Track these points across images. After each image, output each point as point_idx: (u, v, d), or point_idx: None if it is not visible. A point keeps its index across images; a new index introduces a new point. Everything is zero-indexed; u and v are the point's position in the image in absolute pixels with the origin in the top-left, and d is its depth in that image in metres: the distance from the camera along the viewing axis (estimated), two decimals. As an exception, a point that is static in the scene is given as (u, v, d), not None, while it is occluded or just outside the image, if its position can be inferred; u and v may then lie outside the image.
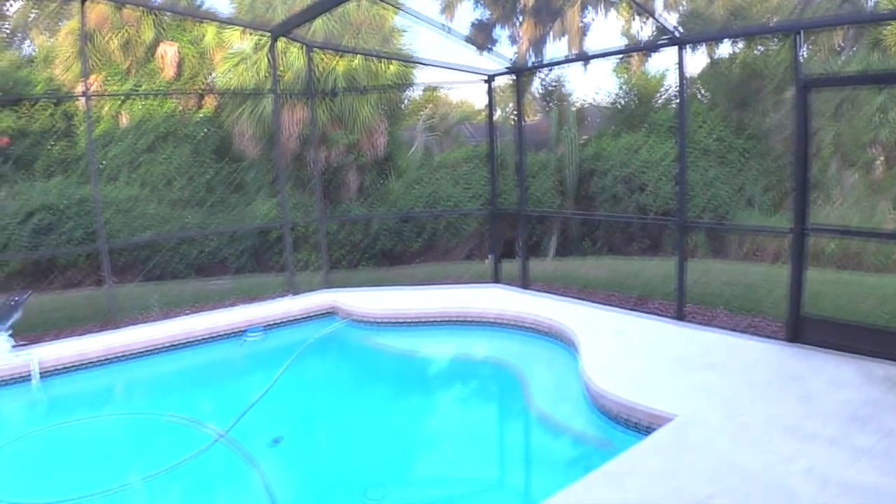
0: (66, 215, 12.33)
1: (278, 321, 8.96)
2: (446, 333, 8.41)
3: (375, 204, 14.08)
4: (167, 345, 8.29)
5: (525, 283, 9.31)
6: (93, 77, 14.02)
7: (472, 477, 5.41)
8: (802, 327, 6.31)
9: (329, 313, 9.29)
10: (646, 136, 15.10)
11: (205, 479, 5.72)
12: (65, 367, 7.87)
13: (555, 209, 14.65)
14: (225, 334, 8.59)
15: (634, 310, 7.97)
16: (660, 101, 16.57)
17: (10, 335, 8.00)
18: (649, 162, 14.37)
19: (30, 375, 7.69)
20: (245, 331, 8.63)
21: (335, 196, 13.88)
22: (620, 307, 8.09)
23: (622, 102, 16.79)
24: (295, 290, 9.88)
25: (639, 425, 5.15)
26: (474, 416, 6.84)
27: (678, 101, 7.64)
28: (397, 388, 7.61)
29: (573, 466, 5.33)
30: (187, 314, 9.22)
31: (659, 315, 7.63)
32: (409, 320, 8.58)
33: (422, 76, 20.85)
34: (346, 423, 6.61)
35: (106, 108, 14.61)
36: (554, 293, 8.91)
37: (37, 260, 12.21)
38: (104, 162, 14.16)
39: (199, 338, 8.47)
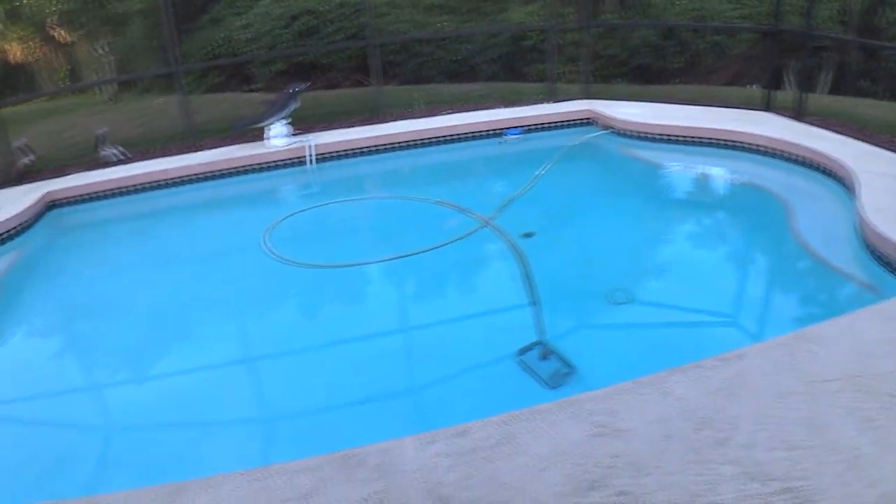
0: (328, 18, 12.90)
1: (536, 125, 9.12)
2: (710, 154, 8.10)
3: (635, 18, 13.37)
4: (431, 139, 8.79)
5: (799, 113, 8.53)
6: None
7: (724, 300, 5.33)
8: None
9: (586, 122, 9.26)
10: (957, -39, 12.81)
11: (470, 259, 6.25)
12: (337, 154, 8.64)
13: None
14: (485, 133, 8.94)
15: (924, 160, 7.15)
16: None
17: (289, 123, 8.81)
18: (958, -5, 12.32)
19: (307, 159, 8.52)
20: (504, 131, 8.88)
21: (591, 8, 13.31)
22: (907, 154, 7.29)
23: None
24: (553, 96, 9.88)
25: (917, 276, 4.81)
26: (731, 241, 6.68)
27: None
28: (653, 202, 7.53)
29: (835, 304, 5.13)
30: (448, 113, 9.61)
31: (953, 169, 6.81)
32: (672, 136, 8.33)
33: None
34: (596, 228, 6.74)
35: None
36: (829, 129, 8.16)
37: (300, 61, 13.02)
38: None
39: (460, 134, 8.89)
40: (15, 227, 7.54)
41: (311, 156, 8.52)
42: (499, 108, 9.70)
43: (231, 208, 8.33)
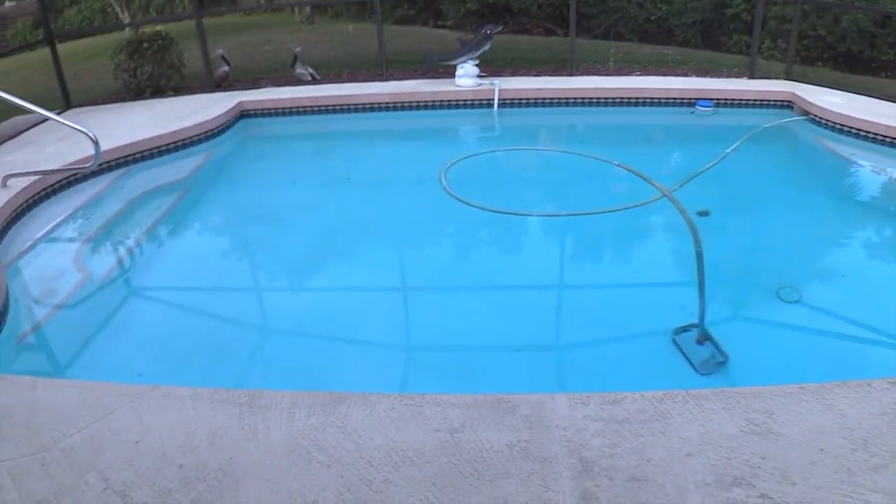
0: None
1: (730, 100, 8.70)
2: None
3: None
4: (619, 98, 8.62)
5: None
6: None
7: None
8: None
9: (785, 104, 8.69)
10: None
11: (641, 227, 6.21)
12: (522, 101, 8.66)
13: None
14: (675, 101, 8.66)
15: None
16: None
17: (477, 64, 8.90)
18: None
19: (491, 102, 8.61)
20: (696, 102, 8.56)
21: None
22: None
23: None
24: (752, 72, 9.39)
25: None
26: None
27: None
28: (842, 203, 6.99)
29: None
30: (639, 74, 9.38)
31: None
32: (875, 134, 7.56)
33: None
34: (777, 219, 6.39)
35: None
36: None
37: (493, 2, 12.98)
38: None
39: (650, 98, 8.67)
40: (209, 131, 8.19)
41: (496, 99, 8.60)
42: (692, 76, 9.34)
43: (411, 140, 8.60)
